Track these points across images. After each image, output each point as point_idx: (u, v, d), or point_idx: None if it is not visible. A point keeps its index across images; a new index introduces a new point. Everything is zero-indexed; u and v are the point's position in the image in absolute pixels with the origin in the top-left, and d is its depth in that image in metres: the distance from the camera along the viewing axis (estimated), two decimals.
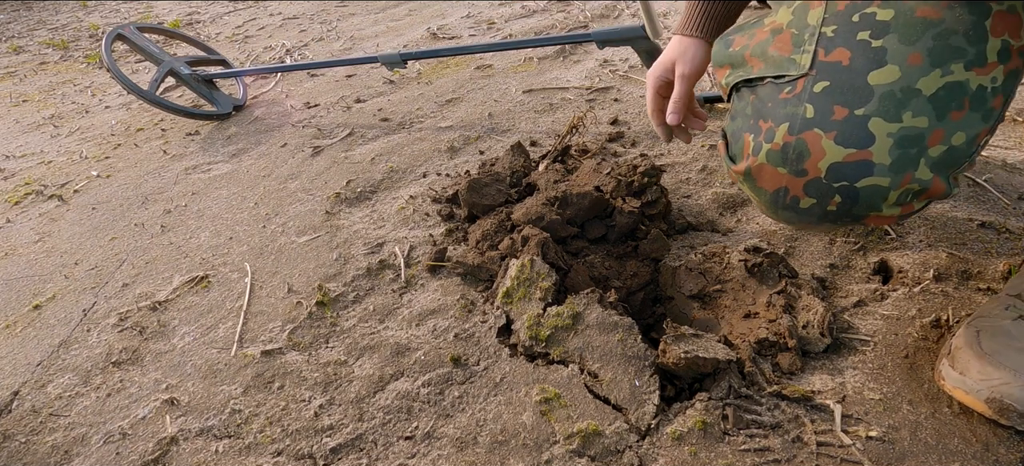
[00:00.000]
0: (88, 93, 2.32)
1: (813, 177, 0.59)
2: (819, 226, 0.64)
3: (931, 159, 0.56)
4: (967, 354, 0.63)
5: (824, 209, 0.60)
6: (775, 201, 0.64)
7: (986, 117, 0.56)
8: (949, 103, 0.55)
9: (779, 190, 0.62)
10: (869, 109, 0.56)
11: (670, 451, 0.65)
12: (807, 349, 0.75)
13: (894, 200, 0.58)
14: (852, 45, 0.57)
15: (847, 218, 0.61)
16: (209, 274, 1.07)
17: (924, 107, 0.55)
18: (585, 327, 0.77)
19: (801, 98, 0.59)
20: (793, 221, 0.65)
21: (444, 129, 1.46)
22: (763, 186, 0.63)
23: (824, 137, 0.57)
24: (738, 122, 0.66)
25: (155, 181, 1.48)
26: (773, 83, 0.62)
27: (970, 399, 0.62)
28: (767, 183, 0.63)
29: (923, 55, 0.55)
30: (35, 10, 3.76)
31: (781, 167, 0.61)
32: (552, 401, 0.72)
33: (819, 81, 0.58)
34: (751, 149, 0.63)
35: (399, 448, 0.71)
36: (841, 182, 0.58)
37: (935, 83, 0.54)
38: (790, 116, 0.59)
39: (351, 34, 2.47)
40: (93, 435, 0.79)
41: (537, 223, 0.92)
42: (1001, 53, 0.55)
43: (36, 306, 1.08)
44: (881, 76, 0.55)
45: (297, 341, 0.88)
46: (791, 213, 0.63)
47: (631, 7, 2.14)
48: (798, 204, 0.61)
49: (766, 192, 0.64)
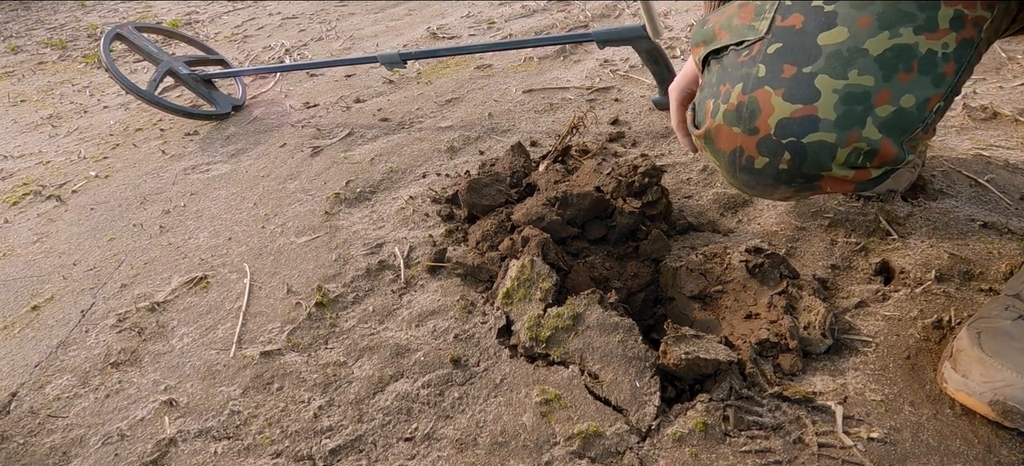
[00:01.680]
0: (86, 93, 2.31)
1: (764, 135, 0.60)
2: (776, 189, 0.64)
3: (879, 119, 0.56)
4: (969, 356, 0.63)
5: (776, 168, 0.61)
6: (732, 163, 0.65)
7: (937, 82, 0.56)
8: (896, 64, 0.56)
9: (735, 150, 0.63)
10: (816, 67, 0.57)
11: (671, 452, 0.65)
12: (808, 350, 0.74)
13: (843, 159, 0.58)
14: (806, 10, 0.59)
15: (799, 178, 0.61)
16: (208, 275, 1.07)
17: (870, 66, 0.56)
18: (585, 328, 0.76)
19: (755, 59, 0.61)
20: (751, 185, 0.66)
21: (444, 129, 1.45)
22: (721, 147, 0.65)
23: (773, 94, 0.59)
24: (704, 92, 0.68)
25: (154, 181, 1.47)
26: (734, 49, 0.64)
27: (973, 402, 0.61)
28: (724, 144, 0.64)
29: (872, 18, 0.56)
30: (33, 10, 3.75)
31: (735, 126, 0.62)
32: (552, 402, 0.71)
33: (773, 43, 0.60)
34: (710, 111, 0.65)
35: (399, 449, 0.71)
36: (789, 138, 0.59)
37: (882, 44, 0.56)
38: (744, 76, 0.61)
39: (350, 34, 2.47)
40: (91, 436, 0.79)
41: (537, 223, 0.92)
42: (953, 21, 0.55)
43: (34, 307, 1.08)
44: (830, 37, 0.57)
45: (296, 342, 0.88)
46: (748, 175, 0.64)
47: (631, 7, 2.14)
48: (753, 164, 0.63)
49: (724, 154, 0.65)
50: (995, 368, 0.61)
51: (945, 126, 1.16)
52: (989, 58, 1.39)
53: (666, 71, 1.31)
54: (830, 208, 0.96)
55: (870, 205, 0.95)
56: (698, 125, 0.68)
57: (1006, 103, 1.20)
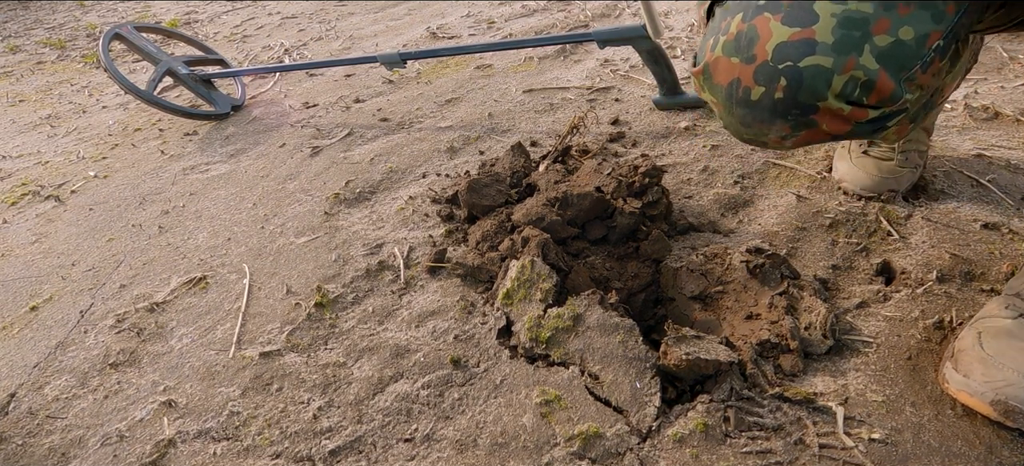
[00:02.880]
0: (85, 93, 2.31)
1: (761, 61, 0.60)
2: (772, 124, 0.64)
3: (876, 48, 0.56)
4: (970, 356, 0.63)
5: (772, 97, 0.61)
6: (729, 97, 0.64)
7: (937, 18, 0.56)
8: None
9: (732, 83, 0.63)
10: None
11: (671, 453, 0.64)
12: (809, 351, 0.74)
13: (839, 88, 0.58)
14: None
15: (795, 108, 0.61)
16: (207, 275, 1.07)
17: None
18: (586, 328, 0.76)
19: None
20: (748, 122, 0.65)
21: (444, 129, 1.45)
22: (718, 81, 0.65)
23: (772, 19, 0.59)
24: (705, 36, 0.68)
25: (153, 182, 1.47)
26: None
27: (974, 402, 0.61)
28: (722, 77, 0.64)
29: None
30: (32, 9, 3.75)
31: (734, 56, 0.62)
32: (552, 403, 0.71)
33: None
34: (710, 47, 0.65)
35: (398, 450, 0.70)
36: (785, 62, 0.58)
37: None
38: (744, 8, 0.62)
39: (350, 33, 2.47)
40: (90, 437, 0.79)
41: (537, 224, 0.91)
42: None
43: (33, 307, 1.07)
44: None
45: (296, 343, 0.88)
46: (744, 109, 0.64)
47: (631, 6, 2.13)
48: (749, 95, 0.62)
49: (722, 88, 0.65)
50: (996, 367, 0.60)
51: (946, 126, 1.16)
52: (990, 58, 1.39)
53: (667, 71, 1.30)
54: (831, 208, 0.95)
55: (871, 205, 0.94)
56: (697, 63, 0.68)
57: (1007, 103, 1.19)
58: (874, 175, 0.95)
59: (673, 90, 1.33)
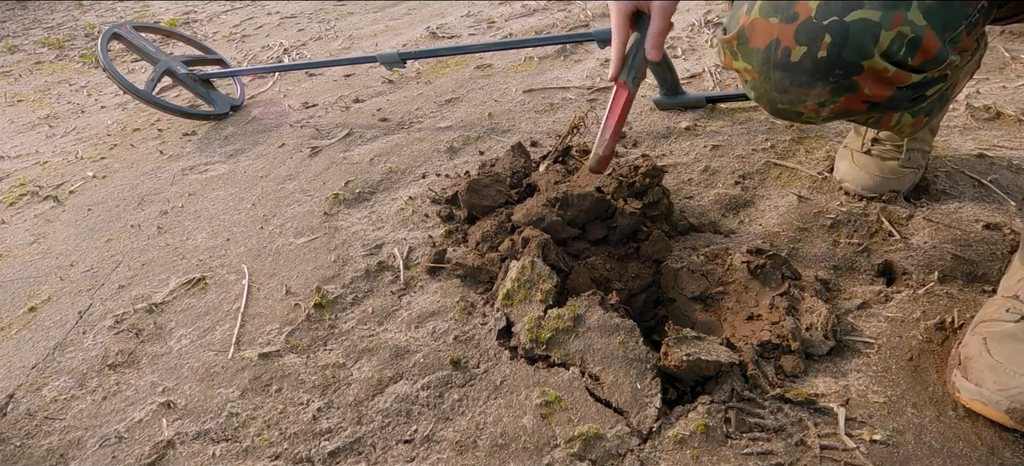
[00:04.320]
0: (84, 93, 2.31)
1: (804, 19, 0.58)
2: (811, 89, 0.62)
3: (924, 3, 0.55)
4: (979, 364, 0.62)
5: (814, 57, 0.59)
6: (766, 61, 0.62)
7: None
8: None
9: (770, 45, 0.61)
10: None
11: (672, 454, 0.64)
12: (810, 352, 0.74)
13: (886, 45, 0.56)
14: None
15: (838, 69, 0.59)
16: (206, 276, 1.06)
17: None
18: (586, 329, 0.76)
19: None
20: (784, 88, 0.63)
21: (444, 129, 1.45)
22: (755, 45, 0.63)
23: None
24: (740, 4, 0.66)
25: (152, 182, 1.47)
26: None
27: (989, 410, 0.61)
28: (759, 39, 0.62)
29: None
30: (30, 9, 3.74)
31: (773, 17, 0.60)
32: (553, 404, 0.71)
33: None
34: (745, 10, 0.63)
35: (398, 451, 0.70)
36: (831, 17, 0.57)
37: None
38: None
39: (349, 33, 2.46)
40: (89, 438, 0.78)
41: (537, 224, 0.91)
42: None
43: (31, 308, 1.07)
44: None
45: (295, 343, 0.88)
46: (782, 73, 0.62)
47: None
48: (789, 57, 0.60)
49: (757, 52, 0.63)
50: (1008, 375, 0.60)
51: (948, 126, 1.16)
52: (992, 58, 1.39)
53: (667, 71, 1.30)
54: (832, 209, 0.95)
55: (872, 206, 0.94)
56: (728, 31, 0.66)
57: (1009, 103, 1.19)
58: (876, 175, 0.95)
59: (673, 90, 1.33)
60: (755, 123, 1.24)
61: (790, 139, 1.16)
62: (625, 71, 0.85)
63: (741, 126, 1.24)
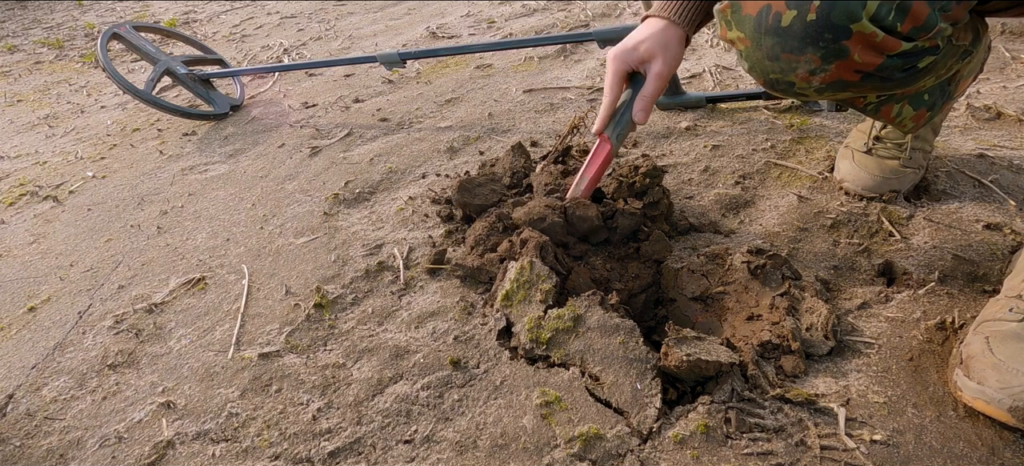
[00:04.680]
0: (83, 93, 2.31)
1: None
2: (801, 54, 0.62)
3: None
4: (981, 363, 0.62)
5: (804, 20, 0.59)
6: (758, 27, 0.63)
7: None
8: None
9: (762, 10, 0.62)
10: None
11: (672, 455, 0.64)
12: (811, 352, 0.74)
13: (874, 9, 0.56)
14: None
15: (828, 32, 0.59)
16: (206, 276, 1.06)
17: None
18: (586, 330, 0.76)
19: None
20: (776, 54, 0.63)
21: (443, 129, 1.45)
22: (747, 13, 0.63)
23: None
24: None
25: (151, 182, 1.46)
26: None
27: (991, 409, 0.61)
28: (751, 6, 0.63)
29: None
30: (30, 9, 3.74)
31: None
32: (553, 404, 0.71)
33: None
34: None
35: (398, 452, 0.70)
36: None
37: None
38: None
39: (349, 33, 2.46)
40: (89, 439, 0.78)
41: (537, 225, 0.91)
42: None
43: (31, 308, 1.07)
44: None
45: (295, 344, 0.87)
46: (773, 38, 0.62)
47: (632, 6, 2.13)
48: (780, 21, 0.61)
49: (750, 19, 0.63)
50: (1011, 373, 0.60)
51: (948, 126, 1.16)
52: (993, 58, 1.38)
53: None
54: (833, 209, 0.95)
55: (873, 206, 0.94)
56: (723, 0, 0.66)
57: (1010, 103, 1.19)
58: (876, 175, 0.95)
59: (674, 90, 1.33)
60: (755, 123, 1.24)
61: (790, 139, 1.16)
62: (610, 127, 0.85)
63: (741, 126, 1.24)
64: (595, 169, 0.89)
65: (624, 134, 0.86)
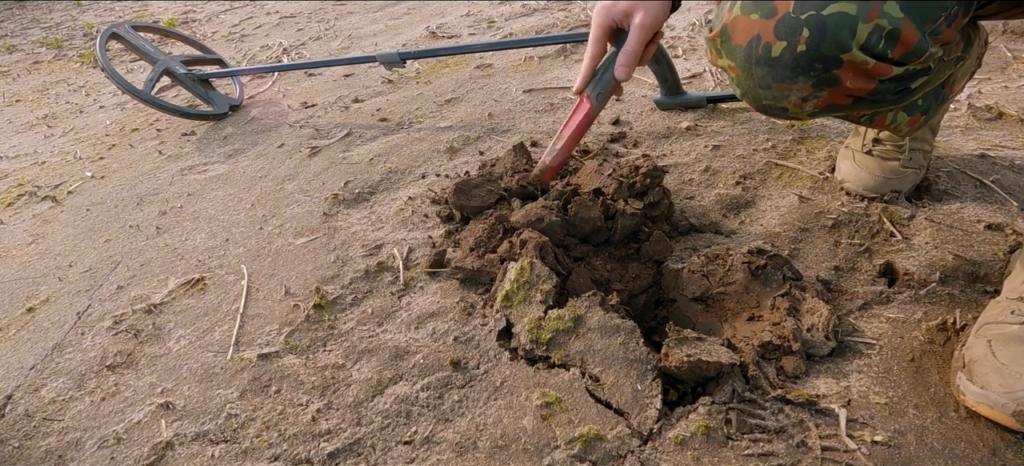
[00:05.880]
0: (82, 93, 2.30)
1: (782, 14, 0.59)
2: (793, 84, 0.62)
3: None
4: (985, 367, 0.62)
5: (794, 51, 0.59)
6: (748, 57, 0.63)
7: None
8: None
9: (751, 41, 0.62)
10: None
11: (673, 456, 0.64)
12: (811, 352, 0.74)
13: (863, 38, 0.56)
14: None
15: (818, 62, 0.59)
16: (205, 276, 1.06)
17: None
18: (586, 330, 0.76)
19: None
20: (767, 83, 0.63)
21: (443, 129, 1.44)
22: (737, 42, 0.63)
23: None
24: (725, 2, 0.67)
25: (150, 182, 1.46)
26: None
27: (995, 413, 0.60)
28: (741, 36, 0.63)
29: None
30: (29, 9, 3.74)
31: (753, 13, 0.61)
32: (553, 405, 0.71)
33: None
34: (727, 8, 0.64)
35: (398, 453, 0.70)
36: (808, 12, 0.57)
37: None
38: None
39: (349, 33, 2.46)
40: (87, 440, 0.78)
41: (536, 225, 0.91)
42: None
43: (29, 309, 1.07)
44: None
45: (294, 344, 0.87)
46: (764, 68, 0.62)
47: None
48: (770, 52, 0.61)
49: (740, 49, 0.63)
50: (1015, 377, 0.59)
51: (949, 126, 1.16)
52: (994, 58, 1.38)
53: (668, 71, 1.30)
54: (833, 209, 0.95)
55: (874, 206, 0.94)
56: (713, 29, 0.67)
57: (1011, 103, 1.19)
58: (877, 175, 0.94)
59: (674, 90, 1.33)
60: (756, 123, 1.24)
61: (791, 139, 1.16)
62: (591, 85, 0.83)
63: (742, 126, 1.24)
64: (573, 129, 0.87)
65: (606, 94, 0.84)
